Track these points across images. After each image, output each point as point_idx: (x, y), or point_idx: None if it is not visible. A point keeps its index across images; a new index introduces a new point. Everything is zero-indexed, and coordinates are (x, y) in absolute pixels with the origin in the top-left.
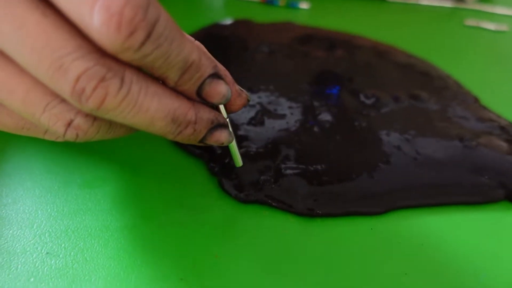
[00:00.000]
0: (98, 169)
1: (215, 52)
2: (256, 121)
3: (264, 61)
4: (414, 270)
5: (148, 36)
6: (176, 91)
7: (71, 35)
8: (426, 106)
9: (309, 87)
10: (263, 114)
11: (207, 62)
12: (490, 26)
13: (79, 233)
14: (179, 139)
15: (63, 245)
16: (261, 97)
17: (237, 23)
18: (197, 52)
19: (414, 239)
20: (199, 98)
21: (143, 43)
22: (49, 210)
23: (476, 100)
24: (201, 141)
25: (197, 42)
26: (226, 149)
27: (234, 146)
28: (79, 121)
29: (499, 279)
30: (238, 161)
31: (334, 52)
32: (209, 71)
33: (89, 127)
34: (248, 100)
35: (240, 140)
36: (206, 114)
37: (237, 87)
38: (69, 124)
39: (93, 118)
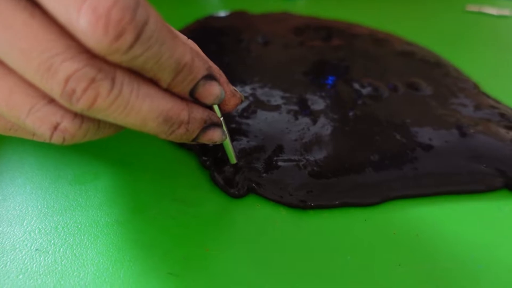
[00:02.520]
0: (89, 164)
1: (210, 44)
2: (248, 112)
3: (259, 52)
4: (409, 261)
5: (137, 38)
6: (170, 91)
7: (59, 36)
8: (424, 94)
9: (304, 77)
10: (255, 106)
11: (200, 63)
12: (492, 11)
13: (69, 229)
14: (171, 138)
15: (52, 241)
16: (255, 88)
17: (233, 15)
18: (189, 54)
19: (409, 230)
20: (192, 98)
21: (131, 46)
22: (39, 206)
23: (475, 86)
24: (194, 140)
25: (190, 42)
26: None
27: (228, 143)
28: (66, 124)
29: (496, 269)
30: (233, 158)
31: (330, 41)
32: (202, 72)
33: (77, 130)
34: (242, 100)
35: (232, 132)
36: (199, 114)
37: (231, 87)
38: (55, 127)
39: (81, 120)
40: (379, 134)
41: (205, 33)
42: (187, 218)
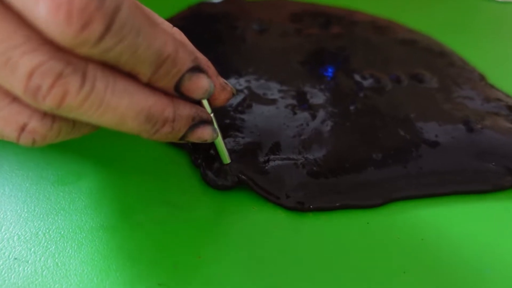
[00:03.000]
0: (73, 163)
1: (203, 32)
2: (243, 107)
3: (254, 41)
4: (414, 267)
5: (108, 28)
6: (152, 86)
7: (18, 26)
8: (429, 86)
9: (302, 68)
10: (251, 99)
11: (185, 54)
12: None
13: (50, 236)
14: (155, 138)
15: (32, 249)
16: (250, 81)
17: (227, 1)
18: (172, 44)
19: (414, 234)
20: (178, 93)
21: (101, 37)
22: (19, 210)
23: (482, 78)
24: (182, 139)
25: (175, 30)
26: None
27: (220, 142)
28: (34, 124)
29: (505, 274)
30: (226, 157)
31: (329, 29)
32: (188, 64)
33: (47, 130)
34: (233, 94)
35: (226, 128)
36: (186, 110)
37: (221, 80)
38: (22, 128)
39: (52, 120)
40: (382, 130)
41: (197, 20)
42: (177, 223)
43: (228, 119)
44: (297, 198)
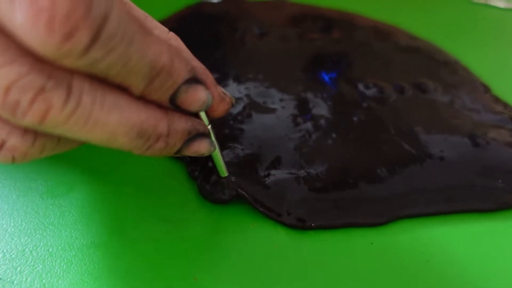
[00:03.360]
0: (64, 174)
1: (200, 35)
2: (243, 116)
3: (254, 44)
4: None
5: (95, 37)
6: (144, 99)
7: None
8: (433, 98)
9: (303, 75)
10: (250, 108)
11: (181, 64)
12: (499, 3)
13: (38, 253)
14: (148, 154)
15: (18, 268)
16: (249, 88)
17: (227, 1)
18: (167, 54)
19: (420, 255)
20: (173, 106)
21: (88, 47)
22: (4, 225)
23: (487, 89)
24: (177, 153)
25: (171, 35)
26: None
27: (217, 154)
28: (14, 141)
29: None
30: (223, 170)
31: (331, 33)
32: (184, 76)
33: (29, 148)
34: (232, 104)
35: (224, 139)
36: (181, 124)
37: (220, 89)
38: (0, 145)
39: (34, 136)
40: (386, 144)
41: (195, 21)
42: (172, 241)
43: (227, 129)
44: (298, 215)
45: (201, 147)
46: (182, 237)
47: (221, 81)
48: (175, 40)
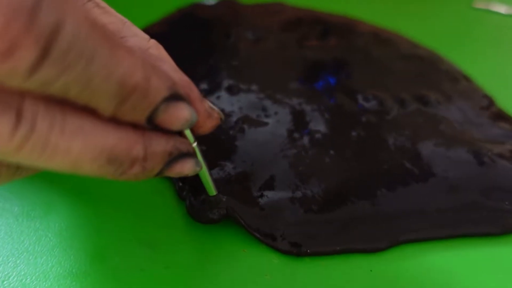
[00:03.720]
0: (41, 194)
1: (191, 39)
2: (234, 131)
3: (247, 52)
4: None
5: (44, 54)
6: (115, 119)
7: None
8: (435, 111)
9: (300, 85)
10: (243, 122)
11: (160, 81)
12: (501, 9)
13: (10, 284)
14: (123, 179)
15: None
16: (241, 100)
17: (221, 4)
18: (141, 70)
19: (423, 283)
20: (151, 126)
21: (36, 66)
22: None
23: (491, 102)
24: (157, 175)
25: (151, 43)
26: None
27: (205, 173)
28: None
29: None
30: (211, 189)
31: (328, 40)
32: (162, 94)
33: None
34: (221, 120)
35: (214, 156)
36: (161, 145)
37: (207, 104)
38: None
39: None
40: (386, 162)
41: (186, 25)
42: (157, 269)
43: (216, 145)
44: (292, 240)
45: (184, 168)
46: (168, 265)
47: (212, 91)
48: (155, 48)
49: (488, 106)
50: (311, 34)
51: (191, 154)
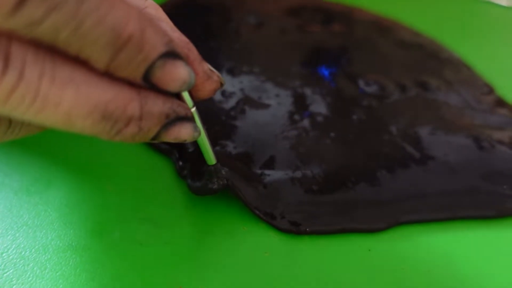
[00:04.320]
0: (41, 169)
1: (193, 23)
2: (236, 112)
3: (249, 36)
4: None
5: None
6: (111, 75)
7: None
8: (436, 97)
9: (301, 69)
10: (244, 103)
11: (156, 36)
12: (502, 1)
13: (9, 256)
14: (118, 140)
15: None
16: (243, 82)
17: None
18: (136, 21)
19: (420, 265)
20: (148, 85)
21: (18, 4)
22: None
23: (491, 89)
24: (154, 139)
25: (149, 3)
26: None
27: (204, 140)
28: None
29: None
30: (211, 158)
31: (330, 26)
32: (159, 49)
33: None
34: (222, 84)
35: (216, 136)
36: (157, 106)
37: (206, 66)
38: None
39: None
40: (387, 145)
41: (189, 9)
42: (157, 245)
43: (218, 125)
44: (292, 218)
45: (182, 133)
46: (168, 241)
47: None
48: (153, 8)
49: (488, 94)
50: (313, 20)
51: (189, 118)
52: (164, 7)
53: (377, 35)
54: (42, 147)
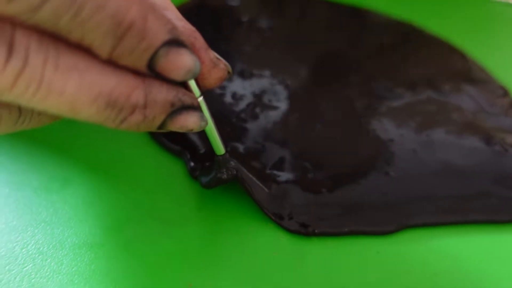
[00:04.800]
0: (59, 168)
1: (205, 27)
2: (246, 114)
3: (260, 38)
4: None
5: None
6: (115, 64)
7: None
8: (448, 100)
9: (312, 73)
10: (255, 106)
11: (159, 23)
12: None
13: (28, 252)
14: (124, 128)
15: (7, 267)
16: (253, 85)
17: None
18: (138, 8)
19: (428, 268)
20: (153, 74)
21: None
22: None
23: (506, 92)
24: (160, 128)
25: None
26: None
27: (212, 130)
28: None
29: None
30: (219, 148)
31: (342, 29)
32: (162, 37)
33: None
34: (229, 73)
35: (226, 138)
36: (162, 94)
37: (212, 54)
38: None
39: None
40: (398, 148)
41: (200, 13)
42: (169, 243)
43: (229, 127)
44: (300, 220)
45: (188, 122)
46: (179, 239)
47: None
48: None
49: (503, 96)
50: (324, 22)
51: (195, 107)
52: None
53: (389, 37)
54: (61, 146)
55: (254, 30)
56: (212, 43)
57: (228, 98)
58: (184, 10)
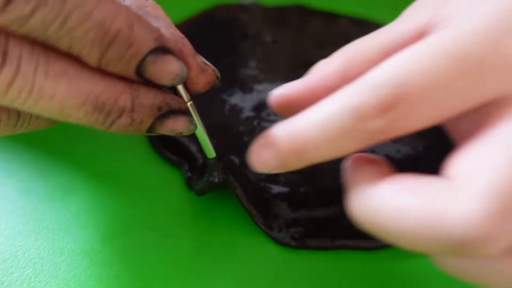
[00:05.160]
0: (64, 175)
1: (211, 40)
2: (244, 127)
3: (264, 52)
4: None
5: None
6: (103, 71)
7: None
8: None
9: None
10: (254, 120)
11: (145, 32)
12: None
13: (29, 256)
14: (114, 130)
15: (10, 270)
16: (253, 99)
17: (241, 6)
18: (124, 18)
19: (414, 283)
20: (142, 80)
21: (8, 1)
22: (2, 225)
23: None
24: (150, 131)
25: (149, 2)
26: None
27: (201, 133)
28: None
29: None
30: (210, 151)
31: (345, 41)
32: (148, 45)
33: None
34: (217, 77)
35: (223, 151)
36: (149, 98)
37: (199, 59)
38: None
39: None
40: (393, 161)
41: (207, 27)
42: (162, 253)
43: (227, 140)
44: (290, 232)
45: (177, 125)
46: (172, 249)
47: (226, 88)
48: (152, 7)
49: None
50: (332, 38)
51: (183, 112)
52: (183, 26)
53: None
54: (67, 156)
55: (260, 44)
56: (217, 56)
57: (228, 111)
58: (194, 23)
